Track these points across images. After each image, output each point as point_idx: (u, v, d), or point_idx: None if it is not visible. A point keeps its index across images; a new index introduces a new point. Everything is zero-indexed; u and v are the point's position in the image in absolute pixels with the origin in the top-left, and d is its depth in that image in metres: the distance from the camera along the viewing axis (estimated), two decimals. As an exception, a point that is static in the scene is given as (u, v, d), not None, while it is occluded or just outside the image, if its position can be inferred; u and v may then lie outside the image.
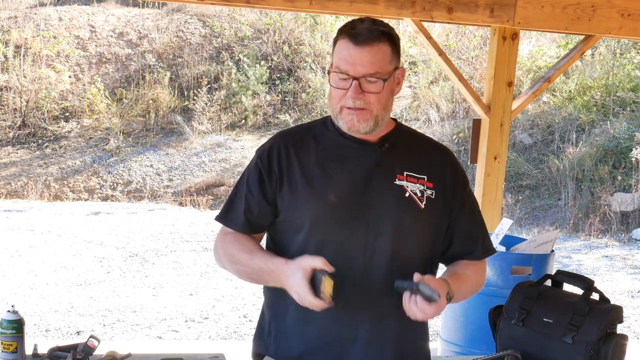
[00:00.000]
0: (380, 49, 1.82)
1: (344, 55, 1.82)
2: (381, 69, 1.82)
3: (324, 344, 1.92)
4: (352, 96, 1.82)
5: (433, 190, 1.92)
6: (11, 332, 2.18)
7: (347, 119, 1.85)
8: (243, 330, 5.65)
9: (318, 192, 1.89)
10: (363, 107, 1.83)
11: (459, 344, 3.99)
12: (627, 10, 4.58)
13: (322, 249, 1.87)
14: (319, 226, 1.89)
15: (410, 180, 1.91)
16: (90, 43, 13.53)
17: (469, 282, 1.98)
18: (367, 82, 1.82)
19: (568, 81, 12.62)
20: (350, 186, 1.88)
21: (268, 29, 13.95)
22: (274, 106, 13.18)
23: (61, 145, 12.28)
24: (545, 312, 2.33)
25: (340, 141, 1.92)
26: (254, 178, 1.95)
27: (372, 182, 1.89)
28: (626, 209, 10.35)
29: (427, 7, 4.29)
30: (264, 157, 1.95)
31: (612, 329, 2.27)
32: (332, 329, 1.90)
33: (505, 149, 4.75)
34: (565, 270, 2.54)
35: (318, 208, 1.88)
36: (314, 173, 1.90)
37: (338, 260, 1.84)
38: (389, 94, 1.87)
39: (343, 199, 1.88)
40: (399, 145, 1.94)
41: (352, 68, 1.81)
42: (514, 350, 2.29)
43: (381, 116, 1.86)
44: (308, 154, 1.92)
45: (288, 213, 1.92)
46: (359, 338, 1.90)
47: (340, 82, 1.83)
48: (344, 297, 1.84)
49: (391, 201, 1.88)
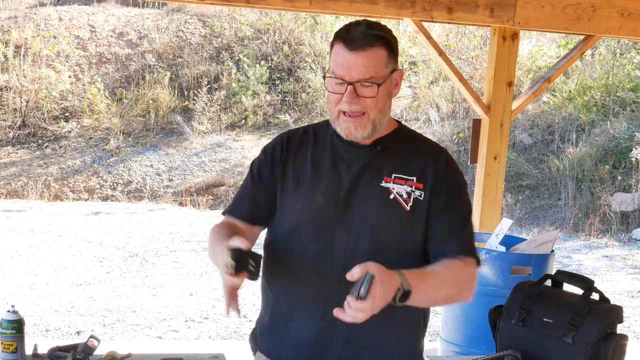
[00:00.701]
0: (375, 53, 1.82)
1: (339, 60, 1.83)
2: (376, 74, 1.82)
3: (302, 341, 1.94)
4: (347, 101, 1.83)
5: (422, 191, 1.91)
6: (11, 332, 2.18)
7: (344, 126, 1.87)
8: (243, 330, 5.65)
9: (306, 192, 1.92)
10: (360, 110, 1.84)
11: (459, 344, 3.99)
12: (627, 10, 4.58)
13: (306, 248, 1.91)
14: (304, 226, 1.92)
15: (397, 182, 1.90)
16: (90, 43, 13.53)
17: (438, 279, 1.84)
18: (362, 87, 1.82)
19: (568, 81, 12.62)
20: (338, 188, 1.90)
21: (268, 29, 13.96)
22: (274, 106, 13.18)
23: (61, 145, 12.28)
24: (545, 312, 2.33)
25: (336, 143, 1.94)
26: (257, 170, 2.00)
27: (359, 184, 1.90)
28: (626, 209, 10.35)
29: (427, 7, 4.29)
30: (268, 153, 1.99)
31: (612, 329, 2.27)
32: (312, 328, 1.92)
33: (505, 149, 4.75)
34: (565, 270, 2.54)
35: (304, 208, 1.92)
36: (305, 173, 1.93)
37: (320, 260, 1.88)
38: (386, 97, 1.87)
39: (329, 200, 1.90)
40: (392, 148, 1.94)
41: (347, 73, 1.82)
42: (514, 350, 2.29)
43: (378, 120, 1.87)
44: (305, 154, 1.96)
45: (279, 211, 1.97)
46: (337, 338, 1.91)
47: (336, 87, 1.85)
48: (324, 297, 1.86)
49: (374, 203, 1.89)
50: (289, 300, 1.95)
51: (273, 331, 2.00)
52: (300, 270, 1.93)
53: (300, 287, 1.94)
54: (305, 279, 1.92)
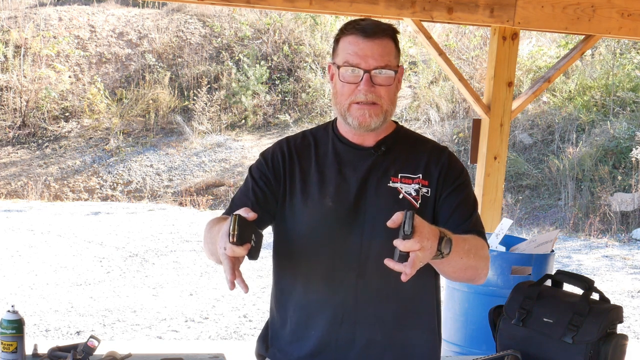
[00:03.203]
0: (388, 43, 1.85)
1: (353, 49, 1.83)
2: (390, 62, 1.84)
3: (322, 347, 1.92)
4: (364, 89, 1.82)
5: (429, 187, 1.91)
6: (11, 332, 2.18)
7: (357, 114, 1.85)
8: (243, 330, 5.65)
9: (315, 198, 1.90)
10: (374, 100, 1.84)
11: (459, 344, 3.99)
12: (627, 10, 4.57)
13: (318, 254, 1.88)
14: (315, 232, 1.90)
15: (404, 181, 1.90)
16: (90, 43, 13.53)
17: (467, 243, 1.80)
18: (377, 76, 1.83)
19: (568, 81, 12.62)
20: (346, 191, 1.90)
21: (268, 29, 13.96)
22: (274, 106, 13.18)
23: (61, 145, 12.28)
24: (545, 312, 2.33)
25: (338, 147, 1.94)
26: (257, 175, 1.96)
27: (367, 186, 1.90)
28: (626, 209, 10.35)
29: (427, 7, 4.29)
30: (268, 159, 1.96)
31: (612, 329, 2.27)
32: (331, 332, 1.91)
33: (505, 149, 4.75)
34: (565, 270, 2.54)
35: (314, 214, 1.90)
36: (312, 179, 1.92)
37: (335, 265, 1.86)
38: (395, 90, 1.88)
39: (339, 204, 1.89)
40: (395, 148, 1.94)
41: (364, 61, 1.82)
42: (514, 351, 2.29)
43: (390, 112, 1.88)
44: (309, 160, 1.94)
45: (287, 219, 1.93)
46: (357, 342, 1.90)
47: (351, 77, 1.83)
48: (341, 302, 1.85)
49: (385, 204, 1.89)
50: (306, 309, 1.93)
51: (292, 340, 1.97)
52: (315, 277, 1.91)
53: (317, 295, 1.91)
54: (321, 285, 1.90)
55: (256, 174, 1.96)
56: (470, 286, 3.93)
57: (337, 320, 1.89)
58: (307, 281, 1.92)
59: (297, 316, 1.93)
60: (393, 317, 1.89)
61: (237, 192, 2.01)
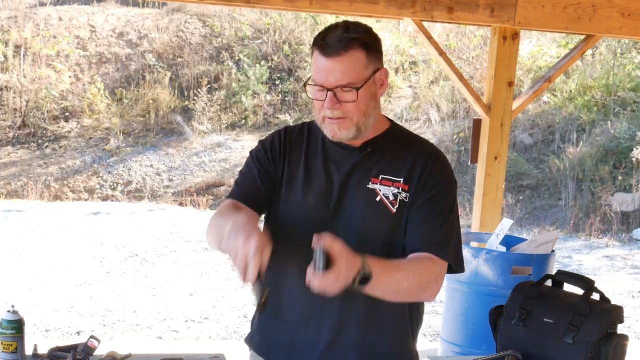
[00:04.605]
0: (352, 57, 1.80)
1: (318, 66, 1.82)
2: (354, 78, 1.80)
3: (290, 342, 1.96)
4: (328, 107, 1.82)
5: (408, 192, 1.88)
6: (11, 332, 2.18)
7: (329, 128, 1.86)
8: (243, 330, 5.65)
9: (298, 194, 1.92)
10: (341, 116, 1.83)
11: (459, 344, 3.99)
12: (627, 9, 4.57)
13: (294, 250, 1.88)
14: (293, 228, 1.91)
15: (384, 183, 1.88)
16: (90, 43, 13.52)
17: (401, 272, 1.80)
18: (342, 92, 1.81)
19: (568, 81, 12.62)
20: (327, 190, 1.90)
21: (268, 29, 13.95)
22: (274, 106, 13.17)
23: (61, 145, 12.27)
24: (545, 312, 2.33)
25: (327, 145, 1.94)
26: (257, 159, 1.98)
27: (347, 186, 1.90)
28: (627, 209, 10.34)
29: (427, 6, 4.29)
30: (267, 146, 1.99)
31: (612, 329, 2.27)
32: (298, 329, 1.94)
33: (506, 148, 4.75)
34: (566, 270, 2.54)
35: (294, 209, 1.92)
36: (298, 174, 1.93)
37: (307, 262, 1.85)
38: (369, 99, 1.85)
39: (320, 202, 1.90)
40: (382, 148, 1.93)
41: (325, 80, 1.81)
42: (514, 351, 2.29)
43: (362, 122, 1.85)
44: (300, 154, 1.96)
45: (272, 209, 1.97)
46: (320, 342, 1.92)
47: (317, 94, 1.84)
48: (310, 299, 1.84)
49: (360, 205, 1.88)
50: (276, 300, 1.92)
51: (263, 330, 2.04)
52: (290, 272, 1.91)
53: (288, 288, 1.93)
54: (292, 280, 1.91)
55: (256, 160, 1.98)
56: (470, 286, 3.93)
57: (304, 318, 1.92)
58: (280, 276, 1.93)
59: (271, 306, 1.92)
60: (358, 318, 1.89)
61: (239, 177, 2.01)
